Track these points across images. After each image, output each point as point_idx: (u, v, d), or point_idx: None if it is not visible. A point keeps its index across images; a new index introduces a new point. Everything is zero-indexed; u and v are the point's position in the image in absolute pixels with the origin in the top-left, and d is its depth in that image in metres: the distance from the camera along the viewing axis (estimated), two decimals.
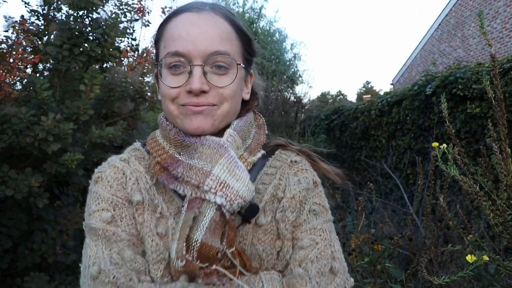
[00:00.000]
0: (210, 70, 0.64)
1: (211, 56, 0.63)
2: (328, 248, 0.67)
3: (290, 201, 0.69)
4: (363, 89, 40.03)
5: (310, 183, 0.74)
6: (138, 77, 3.21)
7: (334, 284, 0.64)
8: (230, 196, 0.60)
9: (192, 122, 0.65)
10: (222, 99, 0.65)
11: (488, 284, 1.56)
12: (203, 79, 0.63)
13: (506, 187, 1.20)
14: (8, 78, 2.73)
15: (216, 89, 0.65)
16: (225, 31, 0.66)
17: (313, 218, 0.70)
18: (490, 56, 1.17)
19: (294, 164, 0.76)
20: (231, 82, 0.65)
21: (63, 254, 2.67)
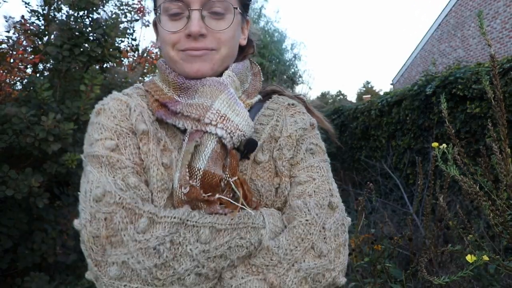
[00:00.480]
0: (207, 15, 0.65)
1: (208, 0, 0.64)
2: (325, 184, 0.68)
3: (286, 140, 0.70)
4: (363, 89, 40.02)
5: (307, 124, 0.75)
6: (138, 77, 3.21)
7: (334, 218, 0.64)
8: (230, 129, 0.61)
9: (192, 65, 0.66)
10: (220, 43, 0.67)
11: (488, 284, 1.56)
12: (201, 23, 0.64)
13: (506, 187, 1.20)
14: (9, 78, 2.73)
15: (214, 33, 0.66)
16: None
17: (310, 157, 0.71)
18: (490, 56, 1.17)
19: (291, 106, 0.76)
20: (228, 26, 0.66)
21: (63, 254, 2.67)
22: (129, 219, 0.57)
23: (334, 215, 0.65)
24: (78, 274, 2.96)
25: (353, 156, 6.40)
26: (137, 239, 0.56)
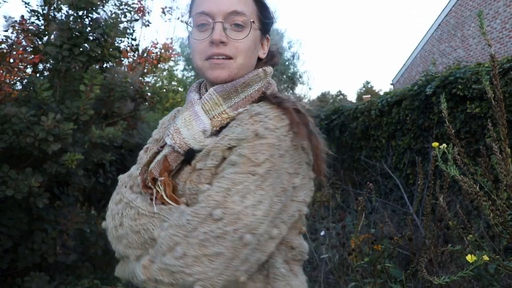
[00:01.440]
0: (229, 27, 0.77)
1: (230, 15, 0.76)
2: (217, 195, 0.65)
3: (215, 150, 0.72)
4: (363, 89, 40.04)
5: (248, 133, 0.69)
6: (138, 77, 3.21)
7: (208, 228, 0.62)
8: (176, 140, 0.76)
9: (213, 72, 0.78)
10: (237, 52, 0.77)
11: (488, 284, 1.56)
12: (223, 33, 0.76)
13: (506, 187, 1.20)
14: (8, 78, 2.73)
15: (233, 42, 0.77)
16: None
17: (228, 168, 0.68)
18: (490, 56, 1.17)
19: (254, 116, 0.72)
20: (245, 36, 0.77)
21: (63, 254, 2.67)
22: (115, 195, 0.84)
23: (210, 226, 0.62)
24: (78, 274, 2.96)
25: (353, 156, 6.40)
26: (111, 207, 0.83)
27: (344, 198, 5.54)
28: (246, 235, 0.63)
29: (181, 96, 10.08)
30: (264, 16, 0.83)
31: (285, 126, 0.70)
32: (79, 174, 2.69)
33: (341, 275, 2.40)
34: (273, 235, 0.67)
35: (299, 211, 0.75)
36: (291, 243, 0.77)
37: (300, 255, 0.80)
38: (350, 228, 2.97)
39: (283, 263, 0.76)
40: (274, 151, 0.68)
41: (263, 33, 0.84)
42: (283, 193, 0.68)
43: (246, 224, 0.63)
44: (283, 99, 0.76)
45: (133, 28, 3.42)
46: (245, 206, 0.63)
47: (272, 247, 0.68)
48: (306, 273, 3.14)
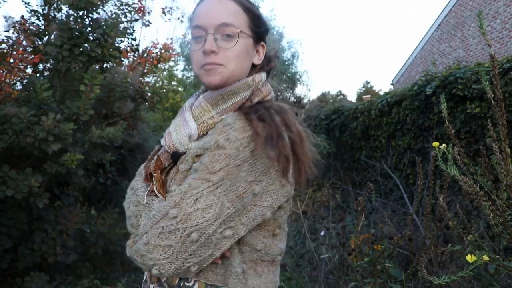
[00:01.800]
0: (220, 38, 0.84)
1: (220, 26, 0.83)
2: (175, 197, 0.76)
3: (187, 156, 0.83)
4: (363, 89, 40.03)
5: (211, 143, 0.78)
6: (138, 77, 3.21)
7: (164, 224, 0.74)
8: (166, 142, 0.86)
9: (207, 78, 0.85)
10: (227, 60, 0.84)
11: (488, 284, 1.57)
12: (213, 43, 0.83)
13: (506, 187, 1.20)
14: (8, 78, 2.73)
15: (223, 51, 0.84)
16: (232, 9, 0.85)
17: (192, 173, 0.78)
18: (490, 56, 1.17)
19: (225, 126, 0.80)
20: (234, 45, 0.84)
21: (63, 254, 2.67)
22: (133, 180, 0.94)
23: (166, 222, 0.74)
24: (78, 274, 2.96)
25: (353, 156, 6.40)
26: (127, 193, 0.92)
27: (344, 198, 5.54)
28: (193, 233, 0.73)
29: (181, 96, 10.08)
30: (256, 25, 0.89)
31: (246, 137, 0.77)
32: (79, 174, 2.69)
33: (341, 275, 2.40)
34: (226, 235, 0.76)
35: (263, 215, 0.80)
36: (255, 245, 0.83)
37: (268, 257, 0.86)
38: (350, 228, 2.97)
39: (242, 263, 0.82)
40: (230, 161, 0.75)
41: (256, 40, 0.90)
42: (238, 199, 0.76)
43: (194, 225, 0.73)
44: (254, 111, 0.83)
45: (133, 28, 3.42)
46: (196, 209, 0.74)
47: (226, 245, 0.77)
48: (306, 273, 3.14)
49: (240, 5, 0.87)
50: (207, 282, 0.81)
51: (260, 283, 0.84)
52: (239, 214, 0.76)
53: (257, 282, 0.84)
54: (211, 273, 0.81)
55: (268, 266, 0.87)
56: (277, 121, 0.80)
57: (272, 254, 0.86)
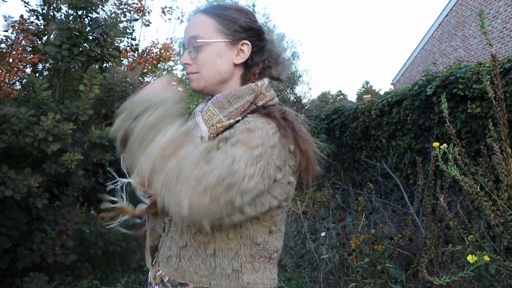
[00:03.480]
0: (192, 50, 0.93)
1: (189, 41, 0.93)
2: (222, 155, 0.72)
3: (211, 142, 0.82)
4: (363, 89, 40.02)
5: (240, 129, 0.80)
6: (138, 77, 3.21)
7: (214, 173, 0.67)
8: None
9: (190, 85, 0.96)
10: (198, 67, 0.93)
11: (489, 284, 1.56)
12: (186, 56, 0.93)
13: (507, 187, 1.20)
14: (8, 78, 2.73)
15: (195, 61, 0.93)
16: (200, 21, 0.94)
17: (229, 147, 0.76)
18: (491, 56, 1.16)
19: (249, 122, 0.82)
20: (202, 53, 0.92)
21: (63, 254, 2.67)
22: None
23: (204, 166, 0.69)
24: (78, 274, 2.96)
25: (353, 156, 6.39)
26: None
27: (344, 198, 5.54)
28: (237, 195, 0.68)
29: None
30: (230, 28, 0.93)
31: (272, 127, 0.80)
32: (79, 174, 2.68)
33: (341, 276, 2.39)
34: (245, 209, 0.72)
35: (270, 203, 0.80)
36: (255, 239, 0.84)
37: (266, 252, 0.87)
38: (351, 228, 2.97)
39: (233, 261, 0.82)
40: (265, 141, 0.76)
41: (234, 41, 0.94)
42: (267, 179, 0.75)
43: (240, 186, 0.69)
44: (271, 110, 0.87)
45: (133, 28, 3.41)
46: (245, 174, 0.70)
47: (237, 219, 0.73)
48: (306, 273, 3.12)
49: (210, 15, 0.94)
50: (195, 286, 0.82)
51: (256, 279, 0.85)
52: (259, 195, 0.75)
53: (253, 278, 0.84)
54: (195, 275, 0.82)
55: (265, 262, 0.87)
56: (292, 119, 0.85)
57: (269, 250, 0.87)
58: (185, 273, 0.83)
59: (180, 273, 0.84)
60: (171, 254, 0.86)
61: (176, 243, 0.85)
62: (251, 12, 1.00)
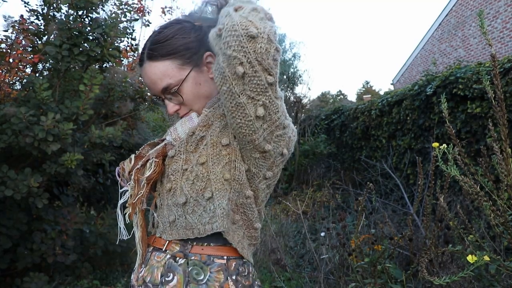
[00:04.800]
0: (171, 97, 0.92)
1: (163, 91, 0.91)
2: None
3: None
4: (363, 89, 40.02)
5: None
6: (138, 77, 3.21)
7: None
8: (173, 134, 0.93)
9: (190, 123, 0.94)
10: (189, 105, 0.93)
11: (489, 284, 1.56)
12: (171, 105, 0.92)
13: (507, 187, 1.20)
14: (8, 78, 2.72)
15: (182, 104, 0.92)
16: (159, 71, 0.89)
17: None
18: (491, 56, 1.16)
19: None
20: (184, 93, 0.91)
21: (63, 254, 2.67)
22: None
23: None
24: (78, 274, 2.96)
25: (353, 156, 6.39)
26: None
27: (344, 198, 5.54)
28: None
29: None
30: (190, 53, 0.89)
31: None
32: (79, 174, 2.68)
33: (341, 276, 2.39)
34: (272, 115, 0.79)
35: (276, 153, 0.86)
36: (245, 190, 0.87)
37: (250, 212, 0.90)
38: (351, 228, 2.97)
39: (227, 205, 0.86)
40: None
41: (198, 61, 0.90)
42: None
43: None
44: None
45: (133, 28, 3.41)
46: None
47: (259, 135, 0.80)
48: (306, 273, 3.12)
49: (162, 59, 0.89)
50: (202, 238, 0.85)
51: (228, 228, 0.85)
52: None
53: (239, 244, 0.87)
54: (201, 225, 0.84)
55: (245, 225, 0.90)
56: None
57: (253, 211, 0.90)
58: (193, 227, 0.84)
59: (189, 229, 0.85)
60: (175, 217, 0.87)
61: (176, 205, 0.86)
62: (180, 21, 0.93)
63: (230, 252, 0.87)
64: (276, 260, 3.18)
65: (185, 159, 0.88)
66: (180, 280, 0.83)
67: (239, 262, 0.87)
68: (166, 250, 0.88)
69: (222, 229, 0.82)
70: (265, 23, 0.70)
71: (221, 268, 0.84)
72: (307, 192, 5.96)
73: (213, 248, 0.86)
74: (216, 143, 0.85)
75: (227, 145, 0.84)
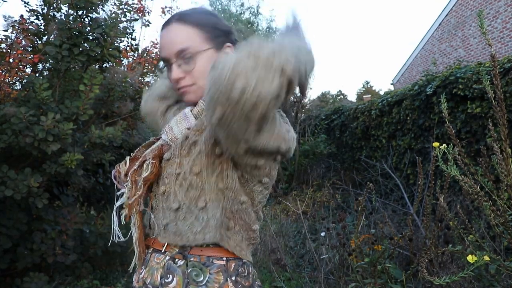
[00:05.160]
0: (182, 63, 0.91)
1: (178, 54, 0.90)
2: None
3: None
4: (363, 89, 40.03)
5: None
6: (138, 77, 3.21)
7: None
8: (168, 135, 0.92)
9: (185, 98, 0.95)
10: (194, 79, 0.91)
11: (489, 284, 1.56)
12: (177, 71, 0.91)
13: (507, 187, 1.20)
14: (8, 78, 2.72)
15: (189, 73, 0.91)
16: (185, 33, 0.90)
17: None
18: (491, 56, 1.16)
19: None
20: (195, 65, 0.90)
21: (63, 254, 2.67)
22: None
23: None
24: (78, 274, 2.96)
25: (353, 156, 6.39)
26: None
27: (344, 198, 5.54)
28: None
29: None
30: (215, 34, 0.93)
31: None
32: (79, 174, 2.68)
33: (341, 276, 2.39)
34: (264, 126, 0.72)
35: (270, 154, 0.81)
36: (240, 195, 0.86)
37: (247, 217, 0.89)
38: (350, 228, 2.97)
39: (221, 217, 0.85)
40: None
41: (219, 47, 0.93)
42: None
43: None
44: None
45: (133, 28, 3.41)
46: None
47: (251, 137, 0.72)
48: (306, 273, 3.11)
49: (191, 25, 0.91)
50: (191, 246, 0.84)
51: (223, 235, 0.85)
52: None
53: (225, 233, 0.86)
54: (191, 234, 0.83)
55: (243, 229, 0.89)
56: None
57: (250, 216, 0.89)
58: (182, 235, 0.84)
59: (178, 235, 0.84)
60: (167, 222, 0.86)
61: (169, 209, 0.86)
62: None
63: (229, 253, 0.86)
64: (276, 260, 3.18)
65: (178, 163, 0.87)
66: (180, 281, 0.83)
67: (238, 262, 0.87)
68: (166, 251, 0.88)
69: (215, 241, 0.83)
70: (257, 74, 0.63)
71: (221, 269, 0.84)
72: (307, 192, 5.96)
73: (212, 250, 0.85)
74: (210, 153, 0.84)
75: (220, 155, 0.83)
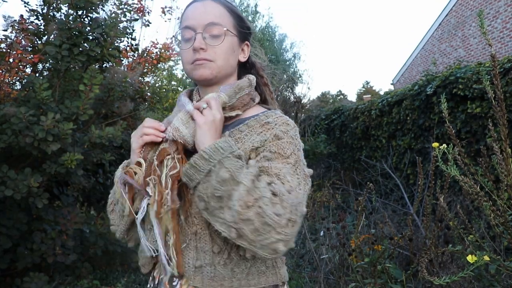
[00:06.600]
0: (208, 36, 0.90)
1: (207, 26, 0.89)
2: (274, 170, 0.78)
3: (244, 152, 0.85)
4: (363, 89, 40.05)
5: (269, 136, 0.85)
6: (138, 77, 3.21)
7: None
8: (175, 135, 0.85)
9: (197, 72, 0.90)
10: (216, 56, 0.90)
11: (489, 284, 1.56)
12: (202, 41, 0.89)
13: (507, 187, 1.20)
14: (8, 78, 2.72)
15: (212, 48, 0.90)
16: (218, 11, 0.92)
17: (264, 162, 0.81)
18: (491, 56, 1.16)
19: (265, 125, 0.88)
20: (221, 42, 0.90)
21: (63, 254, 2.67)
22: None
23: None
24: (78, 274, 2.96)
25: (353, 156, 6.39)
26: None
27: (344, 198, 5.54)
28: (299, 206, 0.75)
29: None
30: (240, 26, 0.96)
31: (292, 129, 0.88)
32: (79, 174, 2.68)
33: (341, 276, 2.39)
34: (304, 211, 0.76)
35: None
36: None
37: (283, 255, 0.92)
38: (350, 228, 2.97)
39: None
40: (294, 147, 0.85)
41: (241, 39, 0.97)
42: (306, 178, 0.84)
43: (297, 197, 0.76)
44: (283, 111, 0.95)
45: (133, 28, 3.41)
46: (298, 188, 0.78)
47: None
48: (306, 273, 3.12)
49: (225, 7, 0.94)
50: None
51: (285, 271, 0.90)
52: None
53: (283, 270, 0.89)
54: (234, 279, 0.81)
55: (283, 257, 0.92)
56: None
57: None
58: (223, 281, 0.80)
59: (217, 281, 0.80)
60: (202, 264, 0.81)
61: (205, 252, 0.81)
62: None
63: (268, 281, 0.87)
64: None
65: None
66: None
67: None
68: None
69: (276, 283, 0.85)
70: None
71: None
72: None
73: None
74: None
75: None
